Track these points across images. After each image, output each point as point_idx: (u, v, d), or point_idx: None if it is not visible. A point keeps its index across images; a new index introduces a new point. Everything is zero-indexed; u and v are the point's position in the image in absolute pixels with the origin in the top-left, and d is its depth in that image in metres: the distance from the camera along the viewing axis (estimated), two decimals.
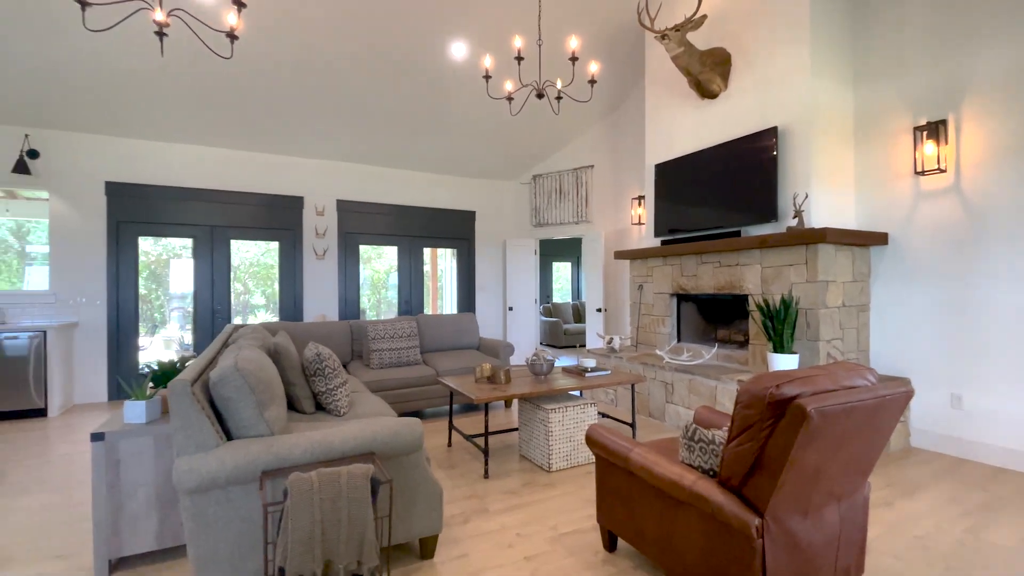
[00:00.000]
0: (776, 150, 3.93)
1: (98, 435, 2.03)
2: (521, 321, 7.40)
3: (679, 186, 4.81)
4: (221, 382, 1.87)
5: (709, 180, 4.50)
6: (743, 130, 4.27)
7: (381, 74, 5.04)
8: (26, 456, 3.57)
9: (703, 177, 4.56)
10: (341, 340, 4.75)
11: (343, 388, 2.89)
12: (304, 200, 6.25)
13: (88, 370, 5.22)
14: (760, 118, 4.14)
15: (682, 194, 4.78)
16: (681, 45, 4.22)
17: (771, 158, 3.96)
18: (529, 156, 7.15)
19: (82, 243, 5.20)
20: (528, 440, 3.42)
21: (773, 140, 3.94)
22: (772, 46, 4.04)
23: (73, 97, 4.67)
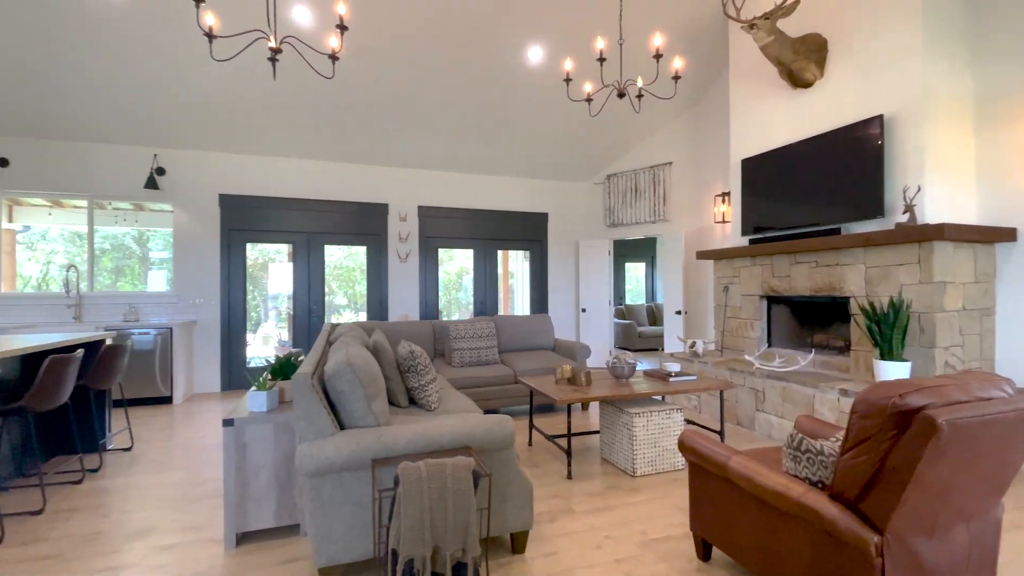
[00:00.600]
0: (882, 140, 3.62)
1: (228, 421, 2.28)
2: (594, 323, 7.34)
3: (769, 182, 4.57)
4: (335, 376, 2.03)
5: (803, 174, 4.23)
6: (842, 120, 3.97)
7: (459, 84, 5.22)
8: (159, 438, 4.06)
9: (796, 171, 4.29)
10: (425, 339, 4.96)
11: (433, 384, 3.03)
12: (389, 207, 6.60)
13: (204, 363, 5.84)
14: (862, 106, 3.83)
15: (772, 190, 4.53)
16: (771, 34, 4.00)
17: (876, 149, 3.65)
18: (602, 156, 7.08)
19: (199, 249, 5.83)
20: (610, 444, 3.40)
21: (878, 129, 3.64)
22: (876, 28, 3.73)
23: (194, 119, 5.26)
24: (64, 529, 2.52)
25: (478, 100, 5.52)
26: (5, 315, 5.25)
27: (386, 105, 5.39)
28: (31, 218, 6.47)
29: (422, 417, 2.68)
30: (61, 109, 4.92)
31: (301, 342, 6.28)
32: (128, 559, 2.23)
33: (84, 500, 2.85)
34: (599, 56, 3.41)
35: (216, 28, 4.02)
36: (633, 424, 3.15)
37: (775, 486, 1.78)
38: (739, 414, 4.28)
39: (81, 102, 4.85)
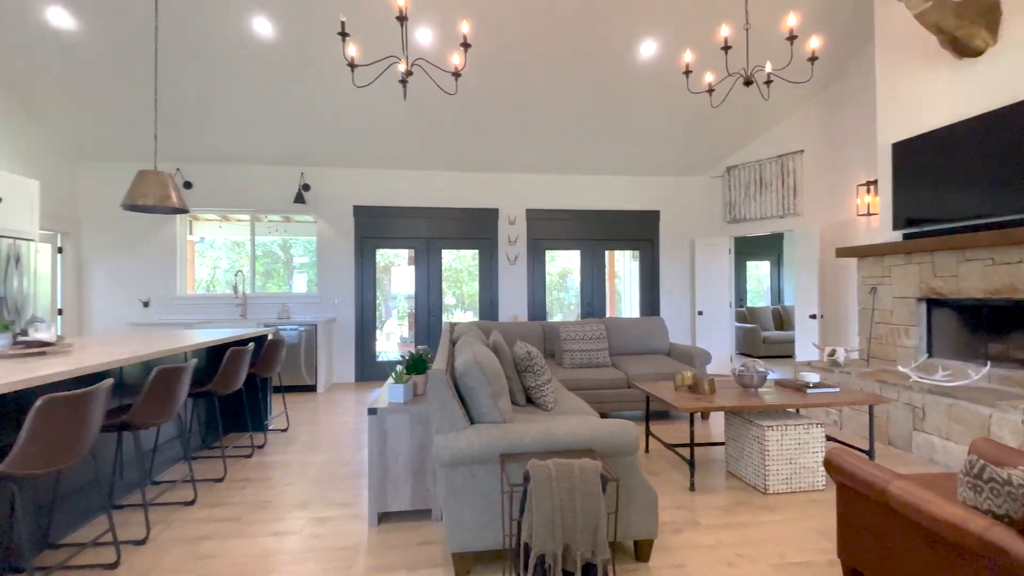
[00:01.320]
0: None
1: (373, 410, 2.53)
2: (712, 327, 6.92)
3: (927, 168, 3.96)
4: (465, 373, 2.17)
5: (973, 158, 3.61)
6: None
7: (570, 85, 5.24)
8: (308, 422, 4.61)
9: (963, 155, 3.68)
10: (535, 339, 5.06)
11: (549, 385, 3.08)
12: (499, 211, 6.83)
13: (341, 357, 6.52)
14: None
15: (931, 177, 3.93)
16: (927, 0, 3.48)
17: None
18: (721, 148, 6.65)
19: (337, 255, 6.52)
20: (738, 457, 3.19)
21: None
22: None
23: (333, 139, 5.90)
24: (241, 496, 2.97)
25: (588, 100, 5.50)
26: (188, 312, 6.32)
27: (498, 112, 5.60)
28: (205, 231, 7.72)
29: (540, 416, 2.74)
30: (228, 137, 5.81)
31: (421, 339, 6.73)
32: (291, 526, 2.58)
33: (254, 472, 3.34)
34: (724, 44, 3.22)
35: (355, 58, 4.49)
36: (765, 438, 2.92)
37: (951, 518, 1.55)
38: (890, 433, 3.77)
39: (243, 131, 5.69)
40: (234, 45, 4.56)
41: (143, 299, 6.26)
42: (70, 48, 4.54)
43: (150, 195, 3.61)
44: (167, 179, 3.73)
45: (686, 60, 3.41)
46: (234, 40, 4.52)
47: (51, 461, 1.79)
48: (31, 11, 4.19)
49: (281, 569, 2.17)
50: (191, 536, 2.48)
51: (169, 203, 3.68)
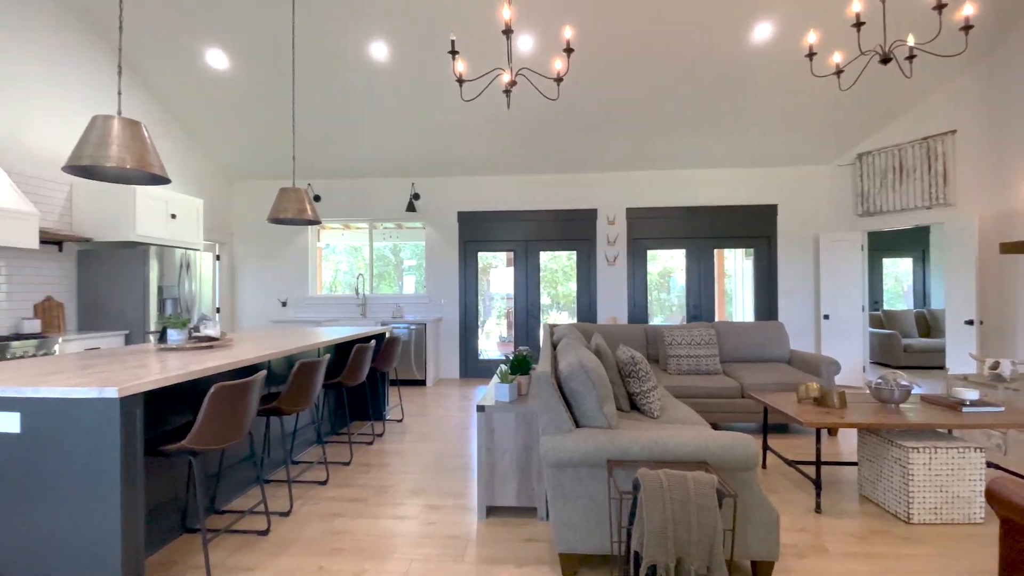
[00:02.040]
0: None
1: (481, 407, 2.66)
2: (840, 332, 6.23)
3: None
4: (570, 376, 2.19)
5: None
6: None
7: (674, 77, 5.04)
8: (420, 414, 4.94)
9: None
10: (637, 343, 4.93)
11: (655, 392, 2.99)
12: (597, 212, 6.76)
13: (447, 354, 6.88)
14: None
15: None
16: None
17: None
18: (850, 132, 5.96)
19: (443, 259, 6.90)
20: (874, 480, 2.86)
21: None
22: None
23: (440, 150, 6.26)
24: (364, 480, 3.28)
25: (693, 91, 5.25)
26: (316, 311, 7.06)
27: (596, 111, 5.55)
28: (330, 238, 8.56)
29: (647, 424, 2.68)
30: (350, 154, 6.40)
31: (520, 339, 6.88)
32: (409, 512, 2.79)
33: (375, 459, 3.66)
34: (855, 21, 2.90)
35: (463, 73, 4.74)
36: (909, 461, 2.59)
37: None
38: None
39: (362, 147, 6.24)
40: (354, 70, 5.03)
41: (282, 299, 7.13)
42: (224, 83, 5.31)
43: (290, 209, 4.11)
44: (303, 195, 4.22)
45: (809, 41, 3.13)
46: (355, 65, 4.98)
47: (221, 439, 2.12)
48: (196, 54, 4.98)
49: (403, 551, 2.36)
50: (325, 512, 2.79)
51: (305, 216, 4.15)
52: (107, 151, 2.25)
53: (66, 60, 4.60)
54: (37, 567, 1.78)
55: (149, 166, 2.37)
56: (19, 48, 4.22)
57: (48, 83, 4.45)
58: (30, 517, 1.78)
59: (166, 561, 2.29)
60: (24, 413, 1.78)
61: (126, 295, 4.72)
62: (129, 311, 4.71)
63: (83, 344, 4.24)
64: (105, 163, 2.24)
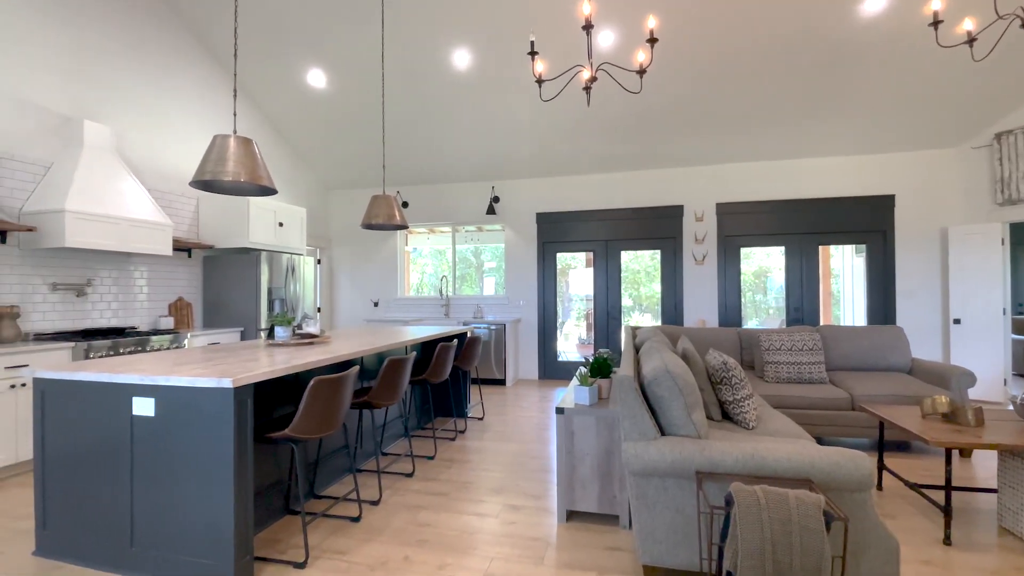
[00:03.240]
0: None
1: (560, 410, 2.63)
2: (974, 339, 5.42)
3: None
4: (655, 382, 2.10)
5: None
6: None
7: (773, 60, 4.67)
8: (500, 412, 5.00)
9: None
10: (730, 348, 4.63)
11: (750, 400, 2.78)
12: (684, 208, 6.44)
13: (526, 354, 6.92)
14: None
15: None
16: None
17: None
18: (985, 110, 5.16)
19: (522, 260, 6.94)
20: (1018, 511, 2.44)
21: None
22: None
23: (519, 152, 6.31)
24: (447, 475, 3.37)
25: (791, 73, 4.82)
26: (404, 311, 7.40)
27: (683, 103, 5.29)
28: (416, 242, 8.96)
29: (740, 434, 2.49)
30: (434, 160, 6.65)
31: (600, 341, 6.74)
32: (489, 509, 2.82)
33: (458, 455, 3.76)
34: None
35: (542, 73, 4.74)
36: None
37: None
38: None
39: (446, 153, 6.45)
40: (438, 79, 5.22)
41: (374, 300, 7.57)
42: (323, 100, 5.75)
43: (381, 215, 4.34)
44: (393, 201, 4.45)
45: (934, 7, 2.74)
46: (438, 74, 5.17)
47: (320, 428, 2.28)
48: (298, 74, 5.43)
49: (483, 548, 2.39)
50: (411, 504, 2.90)
51: (394, 221, 4.37)
52: (224, 167, 2.51)
53: (191, 88, 5.22)
54: (164, 536, 2.02)
55: (260, 179, 2.61)
56: (153, 82, 4.86)
57: (178, 111, 5.08)
58: (160, 492, 2.03)
59: (271, 539, 2.51)
60: (158, 399, 2.04)
61: (242, 296, 5.26)
62: (244, 310, 5.25)
63: (207, 339, 4.78)
64: (223, 177, 2.50)
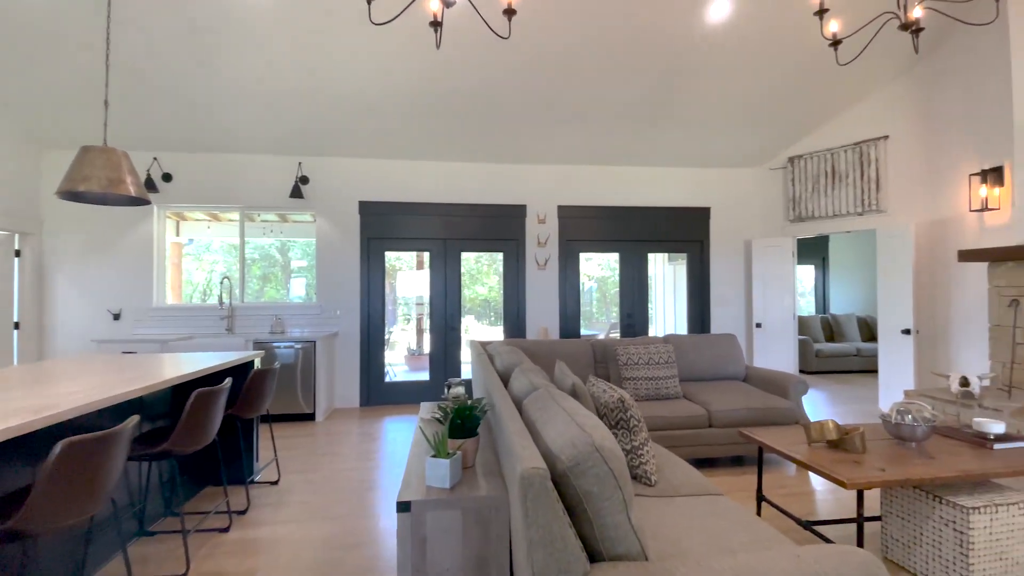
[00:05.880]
0: None
1: (404, 505, 1.61)
2: (773, 340, 6.01)
3: None
4: (578, 468, 1.25)
5: None
6: None
7: (612, 65, 4.34)
8: (305, 468, 3.68)
9: None
10: (584, 363, 4.14)
11: (648, 446, 2.17)
12: (527, 208, 5.93)
13: (344, 377, 5.59)
14: None
15: None
16: None
17: None
18: (783, 135, 5.75)
19: (340, 259, 5.61)
20: (908, 544, 2.27)
21: None
22: None
23: (336, 125, 4.99)
24: None
25: (634, 81, 4.60)
26: (169, 325, 5.39)
27: (529, 97, 4.69)
28: (194, 232, 6.83)
29: (649, 502, 1.82)
30: (212, 121, 4.90)
31: (437, 352, 5.81)
32: None
33: (231, 561, 2.41)
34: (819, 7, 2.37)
35: None
36: (969, 524, 2.01)
37: None
38: None
39: (229, 113, 4.78)
40: (221, 10, 3.65)
41: (113, 310, 5.34)
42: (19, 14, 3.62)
43: (95, 179, 2.70)
44: (120, 159, 2.82)
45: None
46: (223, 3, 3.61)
47: None
48: None
49: None
50: None
51: (122, 189, 2.76)
52: None
53: None
54: None
55: None
56: None
57: None
58: None
59: None
60: None
61: None
62: None
63: None
64: None
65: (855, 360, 7.91)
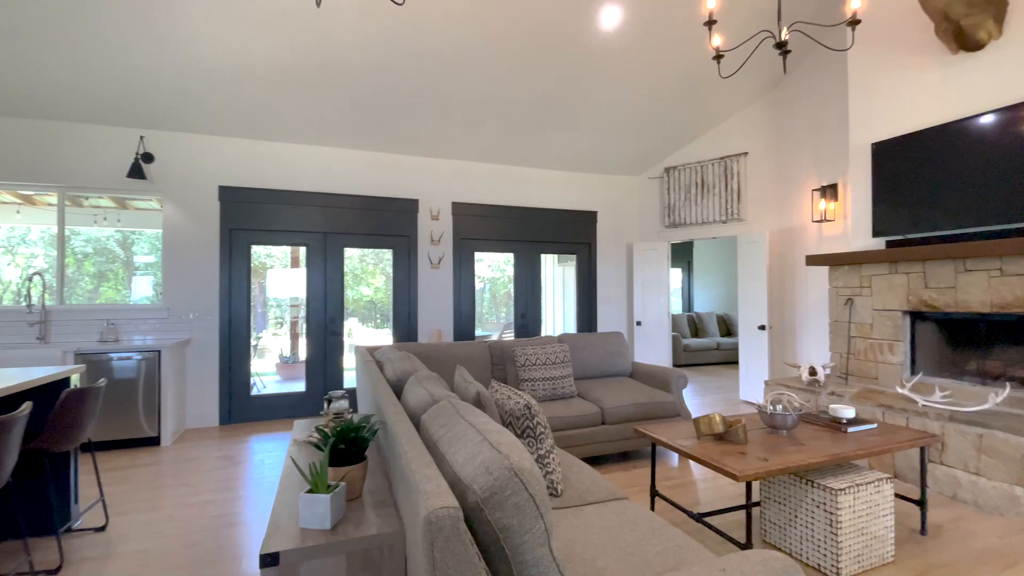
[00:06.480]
0: None
1: (270, 558, 1.28)
2: (651, 337, 6.40)
3: (916, 170, 3.66)
4: (496, 500, 1.05)
5: (976, 159, 3.32)
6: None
7: (510, 66, 4.25)
8: (143, 507, 3.02)
9: (964, 156, 3.39)
10: (481, 365, 3.97)
11: (554, 452, 2.05)
12: (419, 203, 5.61)
13: (200, 391, 4.79)
14: None
15: (922, 181, 3.62)
16: None
17: None
18: (661, 147, 6.15)
19: (194, 253, 4.79)
20: (785, 526, 2.44)
21: None
22: None
23: (192, 94, 4.23)
24: None
25: (531, 82, 4.55)
26: None
27: (425, 86, 4.40)
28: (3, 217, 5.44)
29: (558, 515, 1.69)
30: (26, 80, 3.87)
31: (316, 362, 5.24)
32: None
33: None
34: (708, 18, 2.53)
35: None
36: (838, 505, 2.19)
37: None
38: (897, 464, 3.34)
39: (50, 70, 3.81)
40: None
41: None
42: None
43: None
44: None
45: (709, 6, 2.62)
46: None
47: None
48: None
49: None
50: None
51: None
52: None
53: None
54: None
55: None
56: None
57: None
58: None
59: None
60: None
61: None
62: None
63: None
64: None
65: (716, 353, 8.80)
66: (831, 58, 4.87)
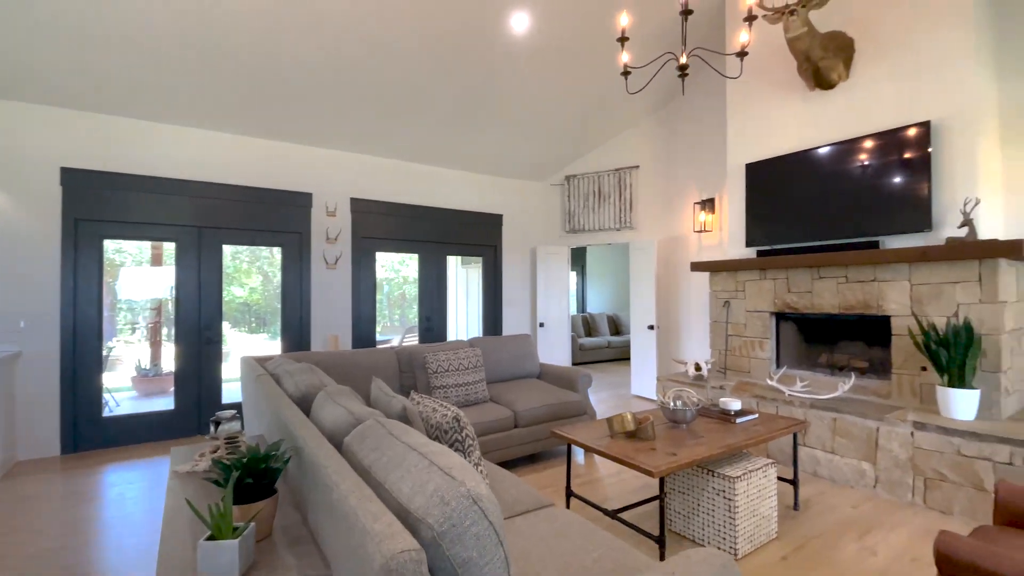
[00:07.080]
0: (930, 148, 3.36)
1: None
2: (553, 338, 6.60)
3: (781, 189, 4.19)
4: (455, 532, 0.95)
5: (827, 182, 3.89)
6: (875, 125, 3.69)
7: (421, 60, 4.11)
8: None
9: (818, 179, 3.95)
10: (389, 373, 3.76)
11: (482, 464, 1.99)
12: (313, 197, 5.18)
13: (35, 415, 3.93)
14: (900, 112, 3.57)
15: (786, 199, 4.16)
16: (804, 25, 3.61)
17: (922, 158, 3.39)
18: (564, 154, 6.38)
19: (26, 248, 3.92)
20: (688, 515, 2.62)
21: (926, 137, 3.38)
22: (918, 30, 3.49)
23: (24, 56, 3.44)
24: None
25: (443, 80, 4.44)
26: None
27: (321, 69, 4.07)
28: None
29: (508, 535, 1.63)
30: None
31: (188, 374, 4.59)
32: None
33: None
34: (620, 35, 2.71)
35: None
36: (735, 491, 2.40)
37: None
38: (769, 448, 3.79)
39: None
40: None
41: None
42: None
43: None
44: None
45: (622, 24, 2.75)
46: None
47: None
48: None
49: None
50: None
51: None
52: None
53: None
54: None
55: None
56: None
57: None
58: None
59: None
60: None
61: None
62: None
63: None
64: None
65: (607, 351, 9.35)
66: (713, 84, 5.40)
